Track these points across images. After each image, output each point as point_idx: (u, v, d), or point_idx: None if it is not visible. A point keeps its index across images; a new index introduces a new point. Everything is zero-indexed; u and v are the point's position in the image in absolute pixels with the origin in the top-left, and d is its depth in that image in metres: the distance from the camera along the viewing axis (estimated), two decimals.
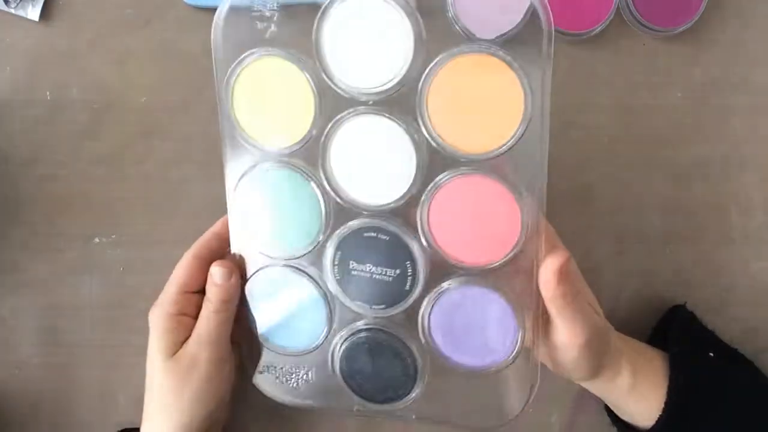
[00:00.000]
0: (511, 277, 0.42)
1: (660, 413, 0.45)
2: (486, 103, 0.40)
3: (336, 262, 0.44)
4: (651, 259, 0.54)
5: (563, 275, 0.40)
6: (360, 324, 0.45)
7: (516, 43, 0.43)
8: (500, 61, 0.39)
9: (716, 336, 0.52)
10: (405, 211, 0.42)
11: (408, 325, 0.45)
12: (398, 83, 0.40)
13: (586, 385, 0.47)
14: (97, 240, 0.53)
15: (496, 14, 0.53)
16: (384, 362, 0.45)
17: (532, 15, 0.39)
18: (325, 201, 0.43)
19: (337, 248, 0.43)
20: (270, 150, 0.43)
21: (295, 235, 0.44)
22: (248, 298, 0.46)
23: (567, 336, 0.41)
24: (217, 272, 0.44)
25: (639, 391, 0.46)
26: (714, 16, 0.51)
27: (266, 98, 0.42)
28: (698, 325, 0.51)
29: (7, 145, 0.51)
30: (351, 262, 0.43)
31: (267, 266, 0.45)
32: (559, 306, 0.41)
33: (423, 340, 0.44)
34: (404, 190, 0.42)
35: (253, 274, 0.46)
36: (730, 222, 0.54)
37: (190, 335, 0.45)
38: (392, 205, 0.42)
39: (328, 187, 0.43)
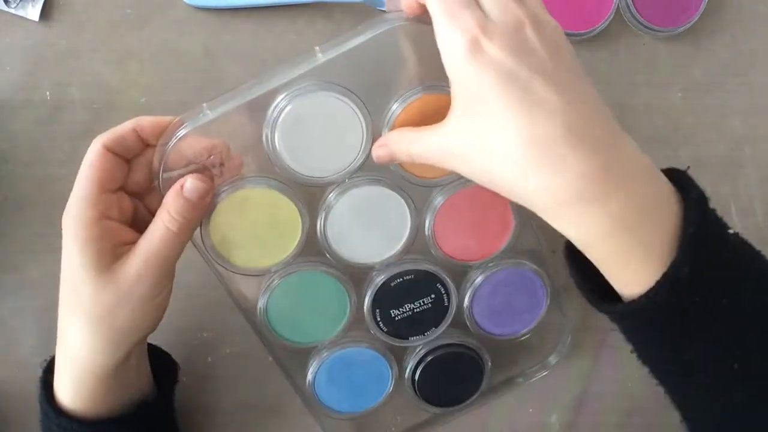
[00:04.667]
0: (523, 249, 0.48)
1: (663, 272, 0.33)
2: None
3: (378, 318, 0.46)
4: None
5: None
6: (421, 352, 0.49)
7: None
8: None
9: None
10: (411, 245, 0.45)
11: (457, 329, 0.49)
12: (364, 157, 0.41)
13: (561, 218, 0.34)
14: None
15: None
16: (455, 369, 0.50)
17: None
18: (345, 285, 0.46)
19: (374, 306, 0.46)
20: (266, 268, 0.44)
21: (326, 324, 0.47)
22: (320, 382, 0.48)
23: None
24: (193, 187, 0.38)
25: (640, 233, 0.33)
26: (714, 16, 0.51)
27: (244, 229, 0.42)
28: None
29: (7, 145, 0.51)
30: (391, 311, 0.46)
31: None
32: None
33: (474, 331, 0.49)
34: (405, 237, 0.45)
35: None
36: (730, 222, 0.53)
37: (117, 243, 0.39)
38: (400, 250, 0.45)
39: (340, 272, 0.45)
